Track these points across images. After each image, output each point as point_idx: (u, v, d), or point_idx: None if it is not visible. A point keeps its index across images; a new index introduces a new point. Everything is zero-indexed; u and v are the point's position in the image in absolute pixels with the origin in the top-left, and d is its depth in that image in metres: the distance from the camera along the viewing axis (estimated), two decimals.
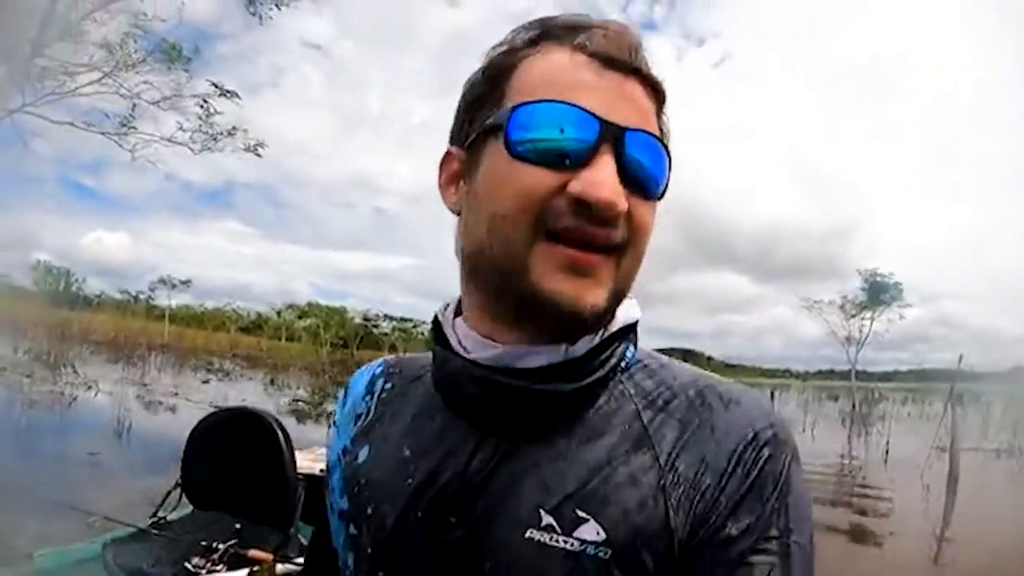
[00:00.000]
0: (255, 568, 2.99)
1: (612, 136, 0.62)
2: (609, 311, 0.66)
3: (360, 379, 0.86)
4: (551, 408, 0.68)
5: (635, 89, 0.66)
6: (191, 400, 18.73)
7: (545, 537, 0.63)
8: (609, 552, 0.63)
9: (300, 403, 22.90)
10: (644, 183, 0.64)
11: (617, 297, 0.66)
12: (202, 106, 16.00)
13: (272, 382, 32.83)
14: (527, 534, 0.64)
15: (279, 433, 3.57)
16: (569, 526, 0.63)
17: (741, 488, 0.65)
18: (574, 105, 0.61)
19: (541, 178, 0.61)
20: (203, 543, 3.15)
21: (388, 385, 0.82)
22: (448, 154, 0.74)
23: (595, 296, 0.63)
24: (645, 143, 0.64)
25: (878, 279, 50.82)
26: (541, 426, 0.68)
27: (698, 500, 0.64)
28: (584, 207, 0.60)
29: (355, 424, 0.81)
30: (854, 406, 28.44)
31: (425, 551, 0.68)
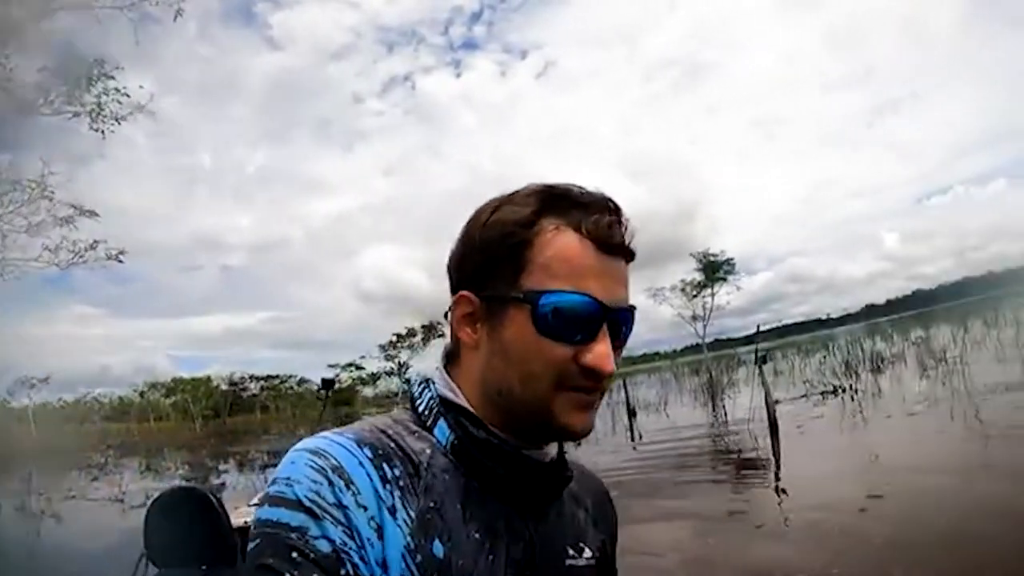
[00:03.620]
0: None
1: (609, 317, 0.84)
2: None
3: (350, 464, 0.79)
4: (561, 488, 0.97)
5: (622, 267, 0.88)
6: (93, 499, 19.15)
7: (573, 562, 0.96)
8: (595, 561, 1.00)
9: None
10: (622, 341, 0.88)
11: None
12: (63, 224, 17.13)
13: (148, 467, 32.08)
14: (567, 563, 0.95)
15: (214, 500, 4.82)
16: (580, 552, 0.97)
17: (610, 526, 1.11)
18: (586, 295, 0.82)
19: (560, 352, 0.82)
20: None
21: (396, 472, 0.82)
22: (463, 296, 0.89)
23: (593, 420, 0.88)
24: (627, 316, 0.87)
25: (710, 258, 54.61)
26: (552, 499, 0.96)
27: (603, 529, 1.07)
28: (591, 373, 0.83)
29: (388, 514, 0.78)
30: (710, 376, 30.56)
31: None
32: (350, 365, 78.16)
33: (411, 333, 73.16)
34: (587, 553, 0.99)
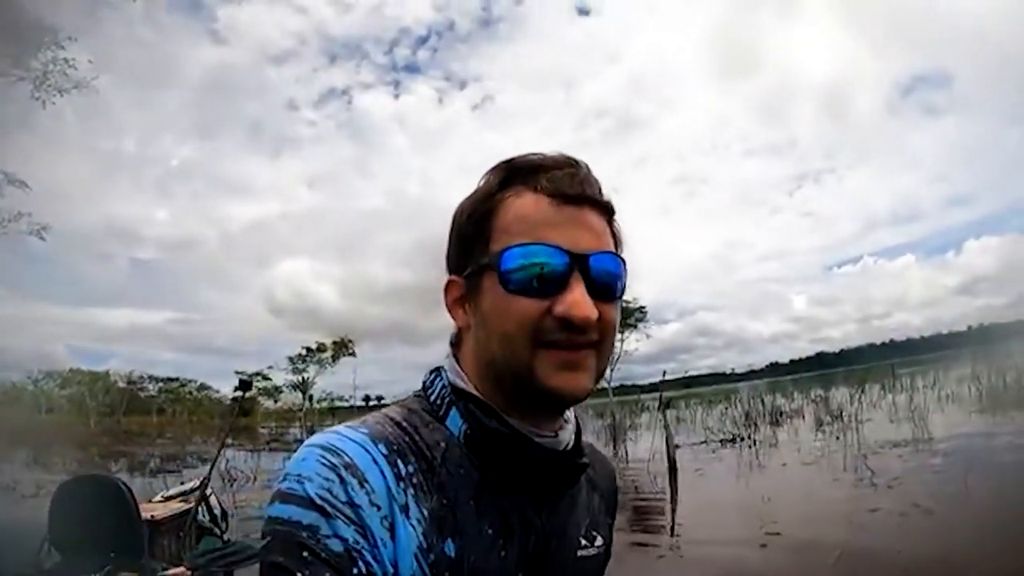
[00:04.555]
0: None
1: (578, 263, 0.82)
2: (594, 389, 0.87)
3: (364, 461, 0.79)
4: (578, 476, 0.96)
5: (588, 215, 0.86)
6: None
7: (585, 552, 0.97)
8: (604, 549, 1.02)
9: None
10: (608, 290, 0.85)
11: (599, 377, 0.88)
12: None
13: (36, 461, 30.72)
14: (577, 553, 0.96)
15: (124, 489, 4.78)
16: (592, 541, 0.99)
17: (615, 510, 1.15)
18: (546, 244, 0.81)
19: (531, 306, 0.81)
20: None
21: (410, 468, 0.82)
22: (451, 282, 0.93)
23: (584, 382, 0.85)
24: (604, 260, 0.84)
25: (623, 305, 55.81)
26: (567, 487, 0.95)
27: (610, 513, 1.11)
28: (567, 323, 0.81)
29: (400, 514, 0.78)
30: (614, 419, 31.06)
31: None
32: (257, 374, 76.29)
33: (321, 348, 71.95)
34: (598, 541, 1.01)
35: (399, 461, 0.81)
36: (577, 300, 0.81)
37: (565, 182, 0.85)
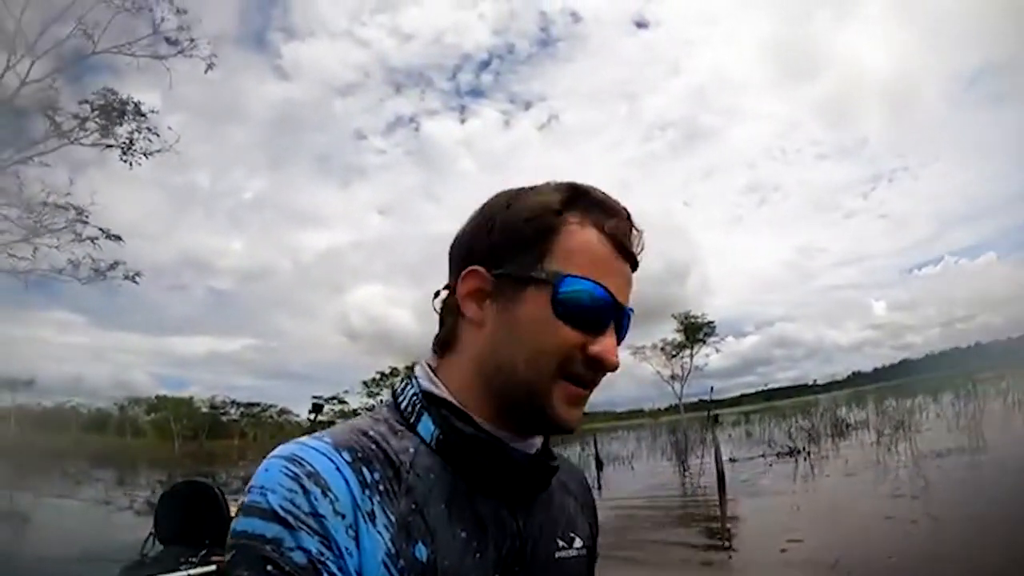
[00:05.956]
0: (220, 564, 5.30)
1: (618, 314, 0.87)
2: None
3: (327, 470, 0.77)
4: (549, 479, 0.95)
5: (630, 273, 0.91)
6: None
7: (563, 553, 0.95)
8: (586, 550, 1.01)
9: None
10: (621, 342, 0.89)
11: None
12: (92, 242, 18.80)
13: (123, 482, 32.55)
14: (556, 555, 0.94)
15: (218, 491, 5.95)
16: (570, 542, 0.98)
17: (594, 513, 1.12)
18: (604, 288, 0.84)
19: (572, 337, 0.83)
20: (180, 559, 5.44)
21: (376, 475, 0.79)
22: (474, 271, 0.88)
23: (580, 417, 0.88)
24: (630, 317, 0.90)
25: (691, 321, 56.06)
26: (540, 491, 0.94)
27: (589, 516, 1.08)
28: (596, 364, 0.84)
29: (365, 521, 0.76)
30: (685, 436, 31.31)
31: None
32: (333, 398, 77.72)
33: (395, 373, 72.60)
34: (577, 543, 1.00)
35: (364, 468, 0.80)
36: (611, 346, 0.85)
37: (628, 237, 0.89)
